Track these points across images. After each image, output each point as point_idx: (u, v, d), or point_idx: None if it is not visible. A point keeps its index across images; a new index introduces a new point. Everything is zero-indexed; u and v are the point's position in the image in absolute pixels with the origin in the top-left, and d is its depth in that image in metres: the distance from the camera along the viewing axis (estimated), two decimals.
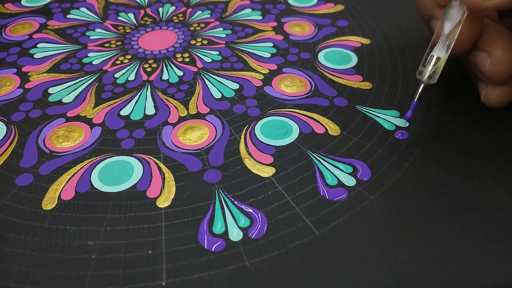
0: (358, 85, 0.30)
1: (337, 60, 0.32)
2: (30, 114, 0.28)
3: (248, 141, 0.26)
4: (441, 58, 0.24)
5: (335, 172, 0.24)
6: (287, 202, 0.23)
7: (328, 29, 0.35)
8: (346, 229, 0.22)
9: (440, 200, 0.23)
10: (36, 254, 0.21)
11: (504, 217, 0.22)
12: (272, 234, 0.21)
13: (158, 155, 0.25)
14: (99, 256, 0.21)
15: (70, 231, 0.22)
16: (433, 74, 0.24)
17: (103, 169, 0.24)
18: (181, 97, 0.29)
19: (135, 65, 0.32)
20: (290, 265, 0.20)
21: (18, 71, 0.31)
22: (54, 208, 0.23)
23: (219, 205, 0.23)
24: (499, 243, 0.21)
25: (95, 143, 0.26)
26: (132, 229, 0.22)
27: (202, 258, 0.21)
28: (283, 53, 0.33)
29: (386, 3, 0.38)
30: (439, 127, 0.27)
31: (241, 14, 0.37)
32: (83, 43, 0.34)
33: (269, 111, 0.28)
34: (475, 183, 0.23)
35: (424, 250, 0.21)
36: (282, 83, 0.30)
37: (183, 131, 0.27)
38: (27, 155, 0.25)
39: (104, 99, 0.29)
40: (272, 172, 0.24)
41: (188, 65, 0.32)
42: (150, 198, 0.23)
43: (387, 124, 0.27)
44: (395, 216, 0.22)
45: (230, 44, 0.34)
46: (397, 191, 0.23)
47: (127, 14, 0.37)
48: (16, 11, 0.38)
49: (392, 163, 0.24)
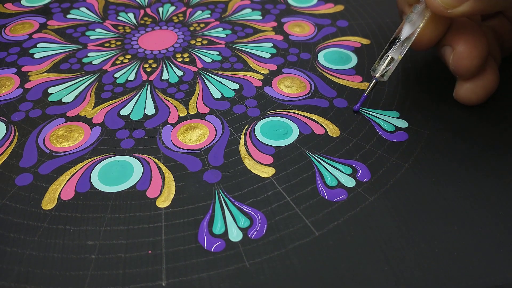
0: (358, 85, 0.30)
1: (337, 60, 0.32)
2: (30, 114, 0.28)
3: (248, 141, 0.26)
4: (395, 59, 0.25)
5: (334, 173, 0.24)
6: (287, 202, 0.23)
7: (328, 29, 0.35)
8: (345, 229, 0.22)
9: (439, 201, 0.23)
10: (35, 254, 0.21)
11: (503, 217, 0.22)
12: (272, 234, 0.21)
13: (158, 155, 0.25)
14: (99, 256, 0.21)
15: (70, 231, 0.22)
16: (385, 72, 0.26)
17: (103, 169, 0.24)
18: (181, 97, 0.29)
19: (135, 65, 0.32)
20: (290, 266, 0.20)
21: (18, 71, 0.31)
22: (54, 208, 0.23)
23: (219, 205, 0.23)
24: (499, 243, 0.21)
25: (95, 143, 0.26)
26: (132, 229, 0.22)
27: (202, 258, 0.21)
28: (283, 53, 0.33)
29: (386, 4, 0.38)
30: (438, 128, 0.27)
31: (241, 14, 0.37)
32: (83, 43, 0.34)
33: (269, 112, 0.28)
34: (474, 183, 0.24)
35: (424, 251, 0.21)
36: (282, 84, 0.30)
37: (183, 131, 0.27)
38: (27, 155, 0.25)
39: (104, 99, 0.29)
40: (272, 173, 0.24)
41: (188, 65, 0.32)
42: (150, 198, 0.23)
43: (387, 125, 0.27)
44: (394, 217, 0.22)
45: (230, 44, 0.34)
46: (397, 192, 0.23)
47: (127, 14, 0.37)
48: (16, 11, 0.38)
49: (391, 164, 0.25)
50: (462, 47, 0.25)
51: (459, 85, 0.26)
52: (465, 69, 0.25)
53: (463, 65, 0.25)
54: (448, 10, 0.23)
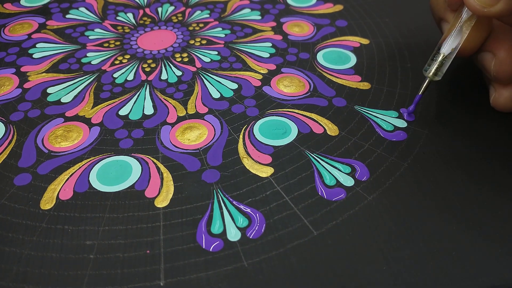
0: (357, 85, 0.30)
1: (336, 60, 0.32)
2: (28, 114, 0.28)
3: (247, 141, 0.26)
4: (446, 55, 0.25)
5: (333, 172, 0.24)
6: (286, 202, 0.23)
7: (327, 29, 0.35)
8: (344, 229, 0.22)
9: (438, 200, 0.23)
10: (34, 254, 0.21)
11: (502, 217, 0.22)
12: (270, 234, 0.21)
13: (156, 155, 0.25)
14: (97, 255, 0.21)
15: (68, 231, 0.22)
16: (438, 71, 0.25)
17: (102, 169, 0.24)
18: (179, 97, 0.29)
19: (134, 65, 0.32)
20: (288, 265, 0.20)
21: (17, 71, 0.31)
22: (53, 207, 0.23)
23: (218, 205, 0.23)
24: (497, 243, 0.21)
25: (94, 143, 0.26)
26: (130, 228, 0.22)
27: (200, 258, 0.21)
28: (282, 53, 0.33)
29: (385, 3, 0.38)
30: (437, 128, 0.27)
31: (240, 14, 0.37)
32: (82, 43, 0.34)
33: (268, 111, 0.28)
34: (473, 183, 0.23)
35: (422, 250, 0.21)
36: (281, 83, 0.30)
37: (181, 131, 0.27)
38: (25, 155, 0.25)
39: (102, 99, 0.29)
40: (270, 172, 0.24)
41: (187, 65, 0.32)
42: (148, 198, 0.23)
43: (386, 125, 0.27)
44: (393, 216, 0.22)
45: (229, 44, 0.34)
46: (396, 191, 0.23)
47: (126, 14, 0.37)
48: (15, 11, 0.38)
49: (390, 164, 0.24)
50: (504, 53, 0.25)
51: (499, 93, 0.26)
52: (507, 75, 0.25)
53: (505, 71, 0.25)
54: (484, 9, 0.23)
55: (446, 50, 0.25)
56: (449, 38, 0.25)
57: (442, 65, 0.25)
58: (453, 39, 0.25)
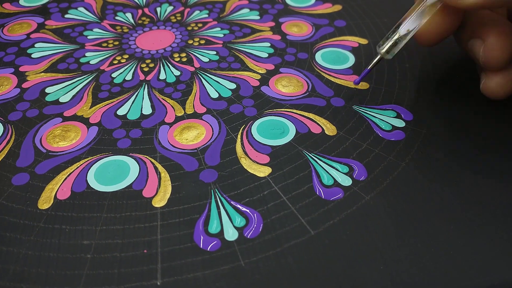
0: (356, 85, 0.30)
1: (335, 60, 0.32)
2: (27, 114, 0.28)
3: (245, 140, 0.26)
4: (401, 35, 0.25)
5: (331, 172, 0.24)
6: (283, 201, 0.23)
7: (326, 29, 0.35)
8: (341, 228, 0.22)
9: (436, 200, 0.23)
10: (31, 253, 0.21)
11: (500, 216, 0.22)
12: (268, 233, 0.21)
13: (154, 155, 0.25)
14: (94, 255, 0.21)
15: (65, 231, 0.22)
16: (391, 49, 0.25)
17: (99, 169, 0.24)
18: (178, 97, 0.29)
19: (132, 64, 0.32)
20: (285, 265, 0.20)
21: (15, 71, 0.31)
22: (50, 207, 0.23)
23: (215, 205, 0.23)
24: (496, 243, 0.21)
25: (92, 142, 0.26)
26: (128, 228, 0.22)
27: (198, 257, 0.21)
28: (280, 53, 0.33)
29: (383, 3, 0.38)
30: (435, 127, 0.27)
31: (239, 14, 0.37)
32: (80, 43, 0.34)
33: (266, 111, 0.28)
34: (471, 182, 0.23)
35: (420, 250, 0.21)
36: (279, 83, 0.30)
37: (179, 130, 0.27)
38: (23, 155, 0.25)
39: (101, 98, 0.29)
40: (268, 172, 0.24)
41: (186, 65, 0.32)
42: (146, 197, 0.23)
43: (384, 124, 0.27)
44: (391, 216, 0.22)
45: (228, 44, 0.34)
46: (393, 191, 0.23)
47: (125, 14, 0.37)
48: (14, 10, 0.38)
49: (388, 163, 0.24)
50: (493, 39, 0.24)
51: (489, 78, 0.26)
52: (496, 60, 0.25)
53: (494, 56, 0.24)
54: (458, 1, 0.23)
55: (402, 30, 0.25)
56: (409, 18, 0.25)
57: (395, 45, 0.25)
58: (412, 21, 0.25)
